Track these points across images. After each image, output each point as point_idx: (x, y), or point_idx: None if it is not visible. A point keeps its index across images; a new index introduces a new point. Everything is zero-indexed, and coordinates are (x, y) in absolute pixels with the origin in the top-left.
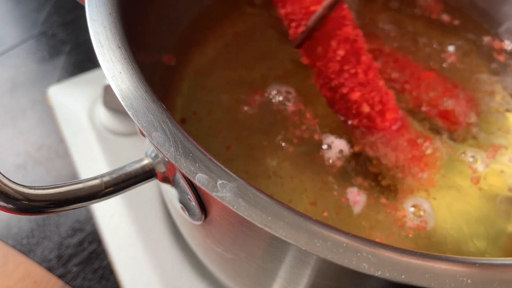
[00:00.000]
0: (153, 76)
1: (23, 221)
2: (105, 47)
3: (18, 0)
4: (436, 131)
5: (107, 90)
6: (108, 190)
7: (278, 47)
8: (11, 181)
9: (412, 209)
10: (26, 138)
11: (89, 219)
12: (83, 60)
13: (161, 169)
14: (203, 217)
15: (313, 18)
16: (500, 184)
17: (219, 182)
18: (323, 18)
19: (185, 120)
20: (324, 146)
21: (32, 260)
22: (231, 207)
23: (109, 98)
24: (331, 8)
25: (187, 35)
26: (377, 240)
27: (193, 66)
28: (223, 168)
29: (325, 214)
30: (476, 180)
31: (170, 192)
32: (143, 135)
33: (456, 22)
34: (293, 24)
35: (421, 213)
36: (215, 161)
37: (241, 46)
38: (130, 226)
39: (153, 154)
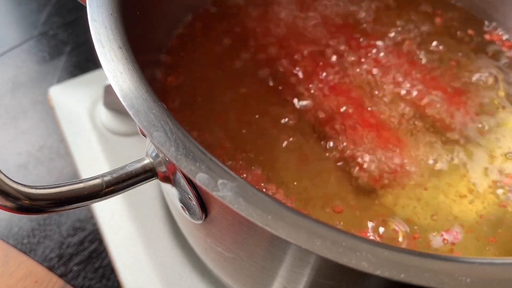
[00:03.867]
0: (154, 76)
1: (24, 221)
2: (106, 47)
3: (19, 0)
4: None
5: (108, 90)
6: (109, 189)
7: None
8: (12, 180)
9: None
10: (27, 138)
11: (90, 219)
12: (83, 61)
13: (161, 168)
14: (203, 217)
15: None
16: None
17: (220, 181)
18: None
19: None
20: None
21: (33, 260)
22: (231, 207)
23: (110, 98)
24: None
25: (187, 35)
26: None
27: (193, 66)
28: (224, 167)
29: None
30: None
31: (170, 191)
32: (144, 135)
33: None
34: None
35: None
36: (215, 160)
37: (241, 44)
38: (130, 225)
39: (153, 154)
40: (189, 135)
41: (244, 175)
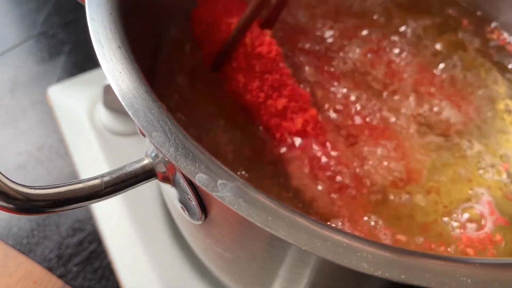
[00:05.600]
0: (153, 75)
1: (23, 221)
2: (105, 47)
3: (18, 0)
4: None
5: (107, 90)
6: (108, 190)
7: None
8: (11, 181)
9: None
10: (27, 138)
11: (89, 219)
12: (83, 60)
13: (161, 169)
14: (203, 217)
15: (227, 42)
16: None
17: (219, 182)
18: (236, 42)
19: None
20: None
21: (32, 260)
22: (231, 207)
23: (109, 98)
24: (242, 31)
25: (187, 34)
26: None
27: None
28: (223, 168)
29: None
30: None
31: (170, 192)
32: (143, 135)
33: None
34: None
35: None
36: (215, 161)
37: None
38: (130, 225)
39: (153, 154)
40: (189, 135)
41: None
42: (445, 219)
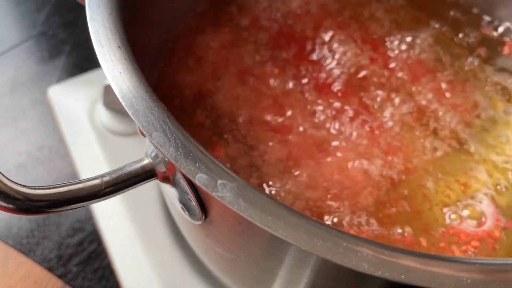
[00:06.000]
0: (153, 75)
1: (23, 221)
2: (105, 47)
3: (18, 0)
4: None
5: (107, 90)
6: (108, 190)
7: None
8: (11, 181)
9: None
10: (27, 138)
11: (89, 219)
12: (83, 60)
13: (161, 169)
14: (203, 217)
15: None
16: None
17: (219, 182)
18: None
19: None
20: None
21: (32, 260)
22: (231, 207)
23: (109, 98)
24: None
25: (187, 34)
26: None
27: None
28: (224, 168)
29: None
30: None
31: (170, 192)
32: (143, 135)
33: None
34: None
35: None
36: (215, 161)
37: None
38: (130, 226)
39: (153, 154)
40: (189, 135)
41: None
42: (445, 209)
